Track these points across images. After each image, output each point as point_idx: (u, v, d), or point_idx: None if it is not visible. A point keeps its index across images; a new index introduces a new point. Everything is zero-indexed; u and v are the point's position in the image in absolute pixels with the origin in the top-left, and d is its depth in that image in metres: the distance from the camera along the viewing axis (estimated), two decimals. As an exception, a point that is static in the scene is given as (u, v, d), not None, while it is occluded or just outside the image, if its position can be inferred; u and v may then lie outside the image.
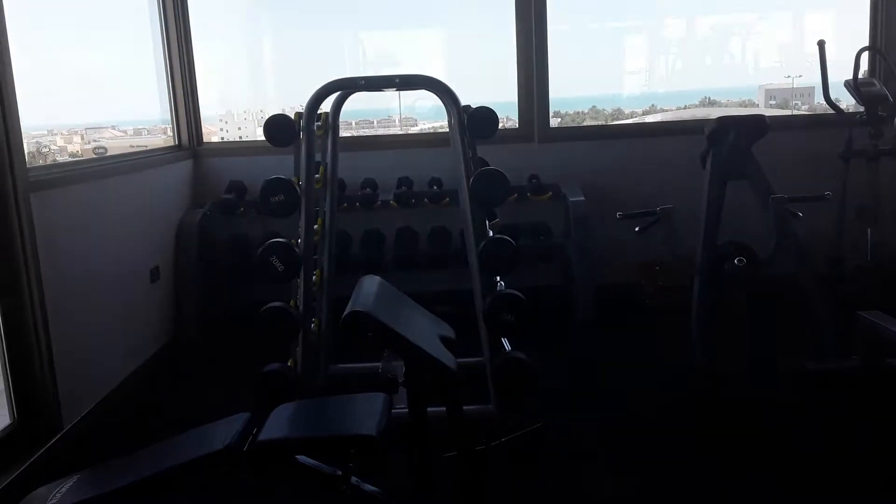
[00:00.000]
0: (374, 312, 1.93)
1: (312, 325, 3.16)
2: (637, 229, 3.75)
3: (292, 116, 3.06)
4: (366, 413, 2.09)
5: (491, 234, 3.00)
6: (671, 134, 4.85)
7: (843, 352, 3.41)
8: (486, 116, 3.02)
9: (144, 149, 4.56)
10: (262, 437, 2.03)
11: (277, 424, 2.10)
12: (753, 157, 3.73)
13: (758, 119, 3.70)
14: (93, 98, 4.13)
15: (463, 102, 3.02)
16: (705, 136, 3.79)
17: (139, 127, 4.96)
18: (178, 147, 4.70)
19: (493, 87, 5.00)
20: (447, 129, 3.28)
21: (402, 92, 5.13)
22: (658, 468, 2.72)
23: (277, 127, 3.04)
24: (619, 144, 4.85)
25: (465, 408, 2.62)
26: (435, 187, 4.59)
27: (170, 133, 4.71)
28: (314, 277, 3.15)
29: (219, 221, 4.60)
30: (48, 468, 2.71)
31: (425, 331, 2.11)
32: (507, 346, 3.01)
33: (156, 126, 4.89)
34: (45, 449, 2.85)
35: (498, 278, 3.06)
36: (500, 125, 3.35)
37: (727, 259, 3.37)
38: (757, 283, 3.50)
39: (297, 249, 2.89)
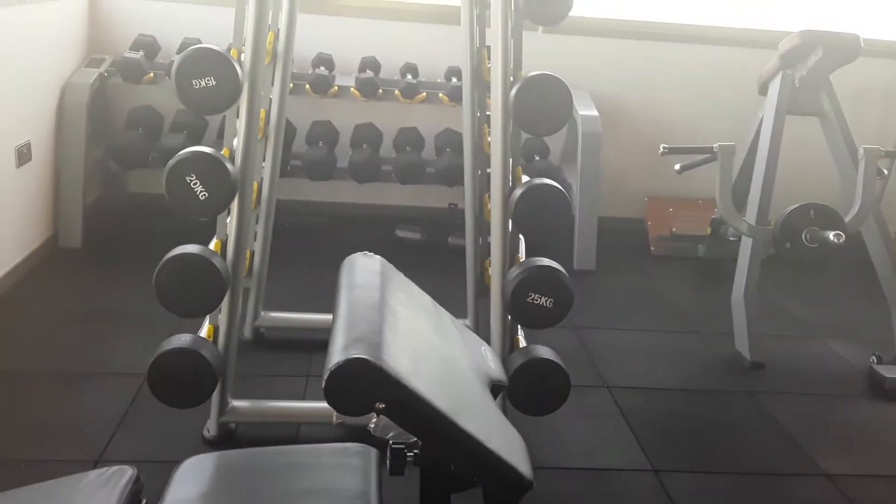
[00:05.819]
0: (395, 367, 1.01)
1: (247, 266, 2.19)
2: (678, 167, 2.96)
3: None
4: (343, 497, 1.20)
5: (525, 178, 2.03)
6: (717, 43, 3.87)
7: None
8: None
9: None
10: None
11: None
12: (832, 89, 2.95)
13: (851, 39, 2.84)
14: None
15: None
16: (778, 55, 2.96)
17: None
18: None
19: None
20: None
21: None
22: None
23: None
24: (648, 49, 3.86)
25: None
26: (409, 77, 3.55)
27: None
28: (252, 194, 2.16)
29: (119, 89, 3.52)
30: None
31: (473, 385, 1.22)
32: (521, 336, 2.11)
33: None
34: None
35: (521, 237, 2.13)
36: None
37: (804, 227, 2.55)
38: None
39: (230, 166, 1.87)
